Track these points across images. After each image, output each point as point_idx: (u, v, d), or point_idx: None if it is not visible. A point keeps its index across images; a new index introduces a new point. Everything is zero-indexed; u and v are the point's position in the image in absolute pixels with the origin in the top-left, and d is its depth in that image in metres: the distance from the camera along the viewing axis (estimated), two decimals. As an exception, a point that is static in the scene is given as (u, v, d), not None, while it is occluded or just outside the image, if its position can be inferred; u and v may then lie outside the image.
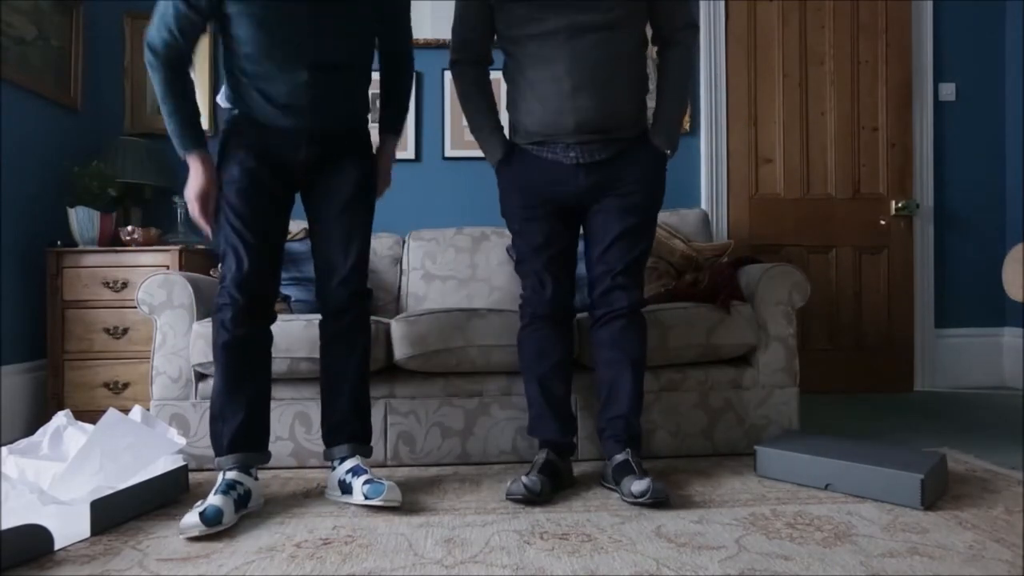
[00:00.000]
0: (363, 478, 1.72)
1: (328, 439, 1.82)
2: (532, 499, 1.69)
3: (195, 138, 1.70)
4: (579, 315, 2.18)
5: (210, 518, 1.52)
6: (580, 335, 2.11)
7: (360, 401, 1.83)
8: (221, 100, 1.81)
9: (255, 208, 1.71)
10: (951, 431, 2.50)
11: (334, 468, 1.80)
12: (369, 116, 1.90)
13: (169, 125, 1.68)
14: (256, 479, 1.73)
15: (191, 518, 1.51)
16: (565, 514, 1.65)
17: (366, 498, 1.67)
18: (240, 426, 1.70)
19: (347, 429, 1.80)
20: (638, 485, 1.66)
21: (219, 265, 1.75)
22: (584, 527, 1.57)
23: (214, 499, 1.57)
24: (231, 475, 1.66)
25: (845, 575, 1.30)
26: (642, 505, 1.67)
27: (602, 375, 1.87)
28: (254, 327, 1.74)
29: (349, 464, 1.77)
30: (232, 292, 1.69)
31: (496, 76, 3.16)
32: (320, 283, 1.83)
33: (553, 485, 1.77)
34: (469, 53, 1.91)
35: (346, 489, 1.74)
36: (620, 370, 1.83)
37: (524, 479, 1.70)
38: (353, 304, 1.81)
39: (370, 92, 1.89)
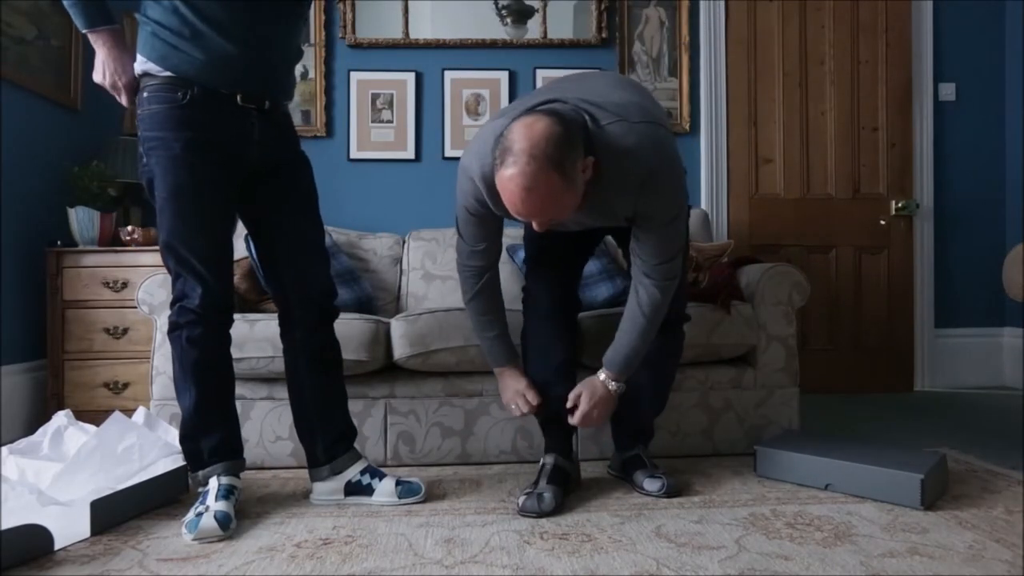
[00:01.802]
0: (391, 479, 1.75)
1: (330, 453, 1.75)
2: (546, 516, 1.65)
3: (104, 12, 1.57)
4: (582, 314, 2.18)
5: (224, 523, 1.52)
6: (580, 335, 2.11)
7: (347, 405, 1.81)
8: (139, 65, 1.57)
9: (212, 219, 1.59)
10: (951, 431, 2.49)
11: (333, 475, 1.75)
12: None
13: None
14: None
15: (208, 522, 1.51)
16: (565, 514, 1.65)
17: (400, 498, 1.72)
18: (222, 439, 1.66)
19: (347, 437, 1.79)
20: (651, 483, 1.77)
21: (173, 283, 1.63)
22: (584, 527, 1.57)
23: (220, 504, 1.56)
24: (225, 480, 1.63)
25: (845, 575, 1.30)
26: (656, 497, 1.75)
27: (634, 380, 1.81)
28: (223, 339, 1.68)
29: (360, 466, 1.76)
30: (198, 311, 1.59)
31: (498, 76, 3.18)
32: (287, 293, 1.72)
33: (565, 492, 1.75)
34: (478, 266, 1.74)
35: (358, 491, 1.74)
36: (649, 378, 1.84)
37: (541, 503, 1.65)
38: (334, 316, 1.78)
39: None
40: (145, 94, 1.57)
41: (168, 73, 1.54)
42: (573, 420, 1.71)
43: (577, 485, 1.84)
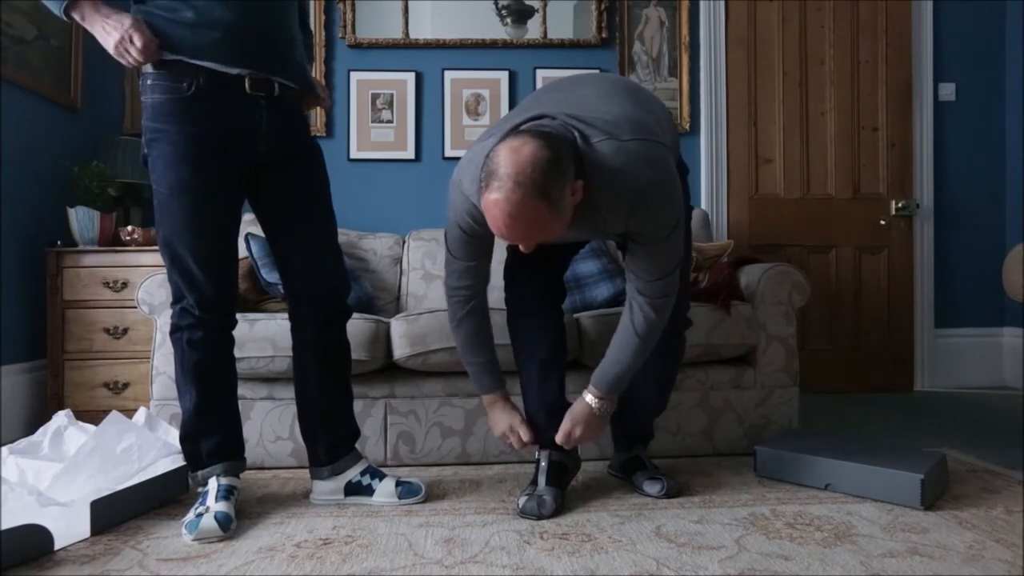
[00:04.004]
0: (391, 480, 1.74)
1: (332, 454, 1.74)
2: (546, 519, 1.64)
3: None
4: (577, 315, 2.19)
5: (224, 524, 1.52)
6: (580, 335, 2.11)
7: (352, 407, 1.81)
8: None
9: (213, 220, 1.55)
10: (951, 431, 2.49)
11: (334, 475, 1.74)
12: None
13: None
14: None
15: (209, 523, 1.50)
16: (565, 514, 1.65)
17: (400, 499, 1.72)
18: (222, 440, 1.66)
19: (350, 439, 1.79)
20: (651, 486, 1.77)
21: (168, 279, 1.61)
22: (584, 527, 1.57)
23: (220, 505, 1.56)
24: (225, 481, 1.63)
25: (845, 575, 1.30)
26: (656, 498, 1.75)
27: (633, 383, 1.77)
28: (225, 341, 1.67)
29: (360, 466, 1.76)
30: (197, 313, 1.58)
31: (498, 76, 3.18)
32: (297, 290, 1.69)
33: (565, 489, 1.75)
34: (468, 285, 1.69)
35: (358, 491, 1.74)
36: (650, 382, 1.82)
37: (541, 507, 1.64)
38: (346, 315, 1.77)
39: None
40: (148, 81, 1.50)
41: (171, 56, 1.47)
42: (556, 439, 1.68)
43: (576, 470, 1.82)
